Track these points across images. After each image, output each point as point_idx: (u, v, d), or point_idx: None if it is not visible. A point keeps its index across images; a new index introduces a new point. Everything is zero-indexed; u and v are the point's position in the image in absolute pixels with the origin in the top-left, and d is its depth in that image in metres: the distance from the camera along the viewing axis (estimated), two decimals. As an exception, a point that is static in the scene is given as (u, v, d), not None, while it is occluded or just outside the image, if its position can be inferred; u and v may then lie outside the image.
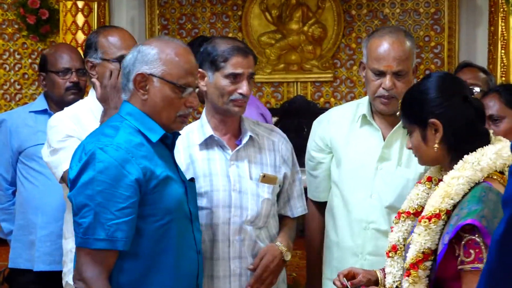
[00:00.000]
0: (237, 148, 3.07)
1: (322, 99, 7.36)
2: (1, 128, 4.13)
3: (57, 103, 3.93)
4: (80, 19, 6.24)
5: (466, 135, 2.45)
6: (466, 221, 2.26)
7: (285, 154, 3.19)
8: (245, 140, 3.08)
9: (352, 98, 7.07)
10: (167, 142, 2.68)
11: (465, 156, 2.41)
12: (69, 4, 6.21)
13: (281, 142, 3.20)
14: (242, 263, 3.04)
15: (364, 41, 3.20)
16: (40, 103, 4.10)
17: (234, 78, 3.00)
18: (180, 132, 2.82)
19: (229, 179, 3.05)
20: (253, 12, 7.39)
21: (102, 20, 6.37)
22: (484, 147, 2.43)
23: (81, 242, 2.48)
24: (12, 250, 4.10)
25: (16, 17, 7.37)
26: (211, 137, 3.06)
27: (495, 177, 2.40)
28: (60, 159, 3.12)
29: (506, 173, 2.36)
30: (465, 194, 2.36)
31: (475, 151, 2.41)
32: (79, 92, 3.94)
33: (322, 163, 3.33)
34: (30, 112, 4.08)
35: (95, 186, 2.46)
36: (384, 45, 3.08)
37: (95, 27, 6.22)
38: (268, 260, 3.03)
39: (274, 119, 5.59)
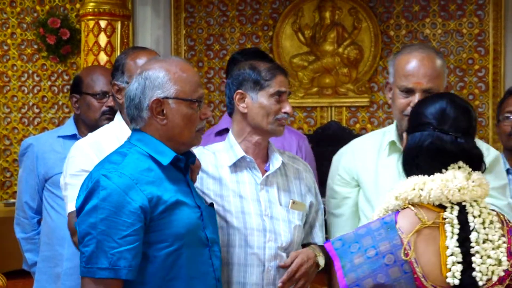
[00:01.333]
0: (268, 172, 3.15)
1: (358, 125, 7.31)
2: (28, 153, 4.14)
3: (90, 127, 3.91)
4: (103, 40, 6.26)
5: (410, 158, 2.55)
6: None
7: (309, 183, 3.27)
8: (277, 165, 3.16)
9: (390, 124, 6.84)
10: (180, 165, 2.71)
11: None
12: (91, 23, 6.25)
13: (305, 171, 3.29)
14: None
15: (391, 59, 3.18)
16: (69, 127, 4.12)
17: (279, 96, 3.10)
18: (204, 151, 2.98)
19: (259, 203, 3.11)
20: (285, 33, 7.36)
21: (125, 41, 6.40)
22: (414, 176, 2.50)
23: (85, 271, 2.52)
24: (36, 283, 4.09)
25: (35, 37, 7.40)
26: (242, 158, 3.13)
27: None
28: (67, 197, 3.17)
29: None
30: None
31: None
32: (113, 117, 3.86)
33: (348, 198, 3.26)
34: (59, 137, 4.09)
35: (98, 214, 2.51)
36: (413, 61, 3.03)
37: (118, 48, 6.30)
38: (302, 259, 3.06)
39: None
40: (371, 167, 3.16)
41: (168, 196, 2.59)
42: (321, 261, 3.10)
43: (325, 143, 6.89)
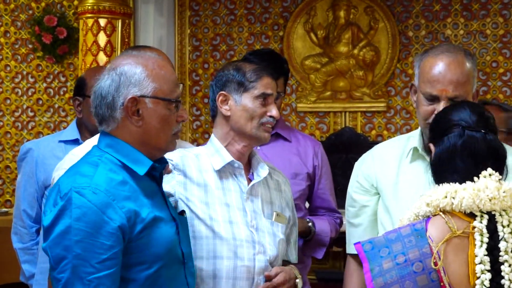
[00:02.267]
0: (254, 181, 3.14)
1: (373, 132, 7.23)
2: (27, 158, 4.18)
3: (93, 132, 3.92)
4: (102, 39, 6.19)
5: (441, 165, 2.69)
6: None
7: (287, 196, 3.31)
8: (264, 174, 3.16)
9: (408, 131, 6.87)
10: (154, 174, 2.64)
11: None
12: (90, 22, 6.19)
13: (284, 184, 3.32)
14: None
15: (417, 59, 3.14)
16: (71, 132, 4.17)
17: (264, 99, 3.10)
18: (186, 153, 3.01)
19: (245, 213, 3.10)
20: (297, 33, 7.33)
21: (126, 40, 6.35)
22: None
23: None
24: None
25: (30, 36, 7.40)
26: (230, 163, 3.11)
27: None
28: None
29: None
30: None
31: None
32: None
33: (366, 206, 3.26)
34: (60, 141, 4.14)
35: (72, 236, 2.39)
36: (440, 66, 2.99)
37: (119, 48, 6.27)
38: (285, 277, 3.07)
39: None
40: (392, 174, 3.17)
41: (145, 212, 2.51)
42: (300, 284, 3.15)
43: (339, 151, 6.99)
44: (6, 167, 7.22)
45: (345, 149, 6.96)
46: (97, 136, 3.10)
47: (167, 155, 2.79)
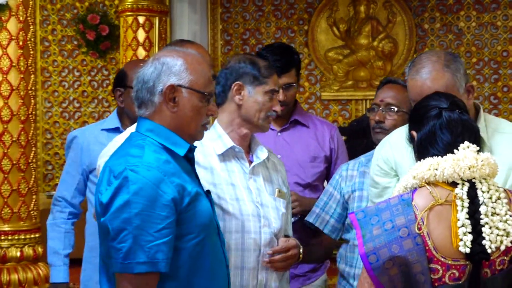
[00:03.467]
0: (255, 162, 3.24)
1: None
2: (73, 145, 4.23)
3: (133, 120, 3.85)
4: (141, 35, 6.36)
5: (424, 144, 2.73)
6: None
7: (283, 175, 3.39)
8: (263, 156, 3.27)
9: None
10: (189, 156, 2.71)
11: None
12: (130, 19, 6.36)
13: (279, 164, 3.40)
14: (269, 274, 3.20)
15: (406, 70, 3.20)
16: (113, 120, 4.22)
17: (272, 95, 3.23)
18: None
19: (250, 191, 3.19)
20: (320, 27, 7.48)
21: (163, 36, 6.51)
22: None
23: (122, 267, 2.49)
24: (83, 272, 4.22)
25: (75, 33, 7.58)
26: (232, 148, 3.21)
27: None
28: None
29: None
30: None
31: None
32: None
33: (388, 187, 3.27)
34: (102, 129, 4.20)
35: (131, 209, 2.47)
36: (418, 87, 3.05)
37: (156, 43, 6.40)
38: (293, 244, 3.21)
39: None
40: (407, 158, 3.18)
41: (190, 187, 2.59)
42: (301, 254, 3.28)
43: (360, 136, 6.85)
44: (55, 154, 7.39)
45: (365, 135, 6.65)
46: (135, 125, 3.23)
47: None
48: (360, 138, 6.88)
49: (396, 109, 3.60)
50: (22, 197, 4.94)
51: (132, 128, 3.28)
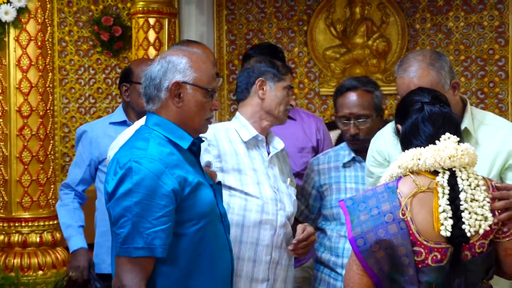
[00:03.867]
0: (274, 152, 3.37)
1: (386, 112, 7.30)
2: (82, 139, 4.29)
3: (139, 114, 4.04)
4: (152, 35, 6.36)
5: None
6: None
7: (289, 167, 3.52)
8: (280, 147, 3.40)
9: None
10: (193, 149, 2.73)
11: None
12: (141, 21, 6.36)
13: (286, 157, 3.52)
14: (282, 253, 3.28)
15: (395, 70, 3.22)
16: (119, 114, 4.26)
17: (289, 90, 3.38)
18: (218, 127, 3.12)
19: (269, 177, 3.30)
20: (318, 27, 7.44)
21: (172, 36, 6.50)
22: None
23: (120, 251, 2.53)
24: (95, 256, 4.27)
25: (90, 34, 7.55)
26: (255, 137, 3.31)
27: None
28: None
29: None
30: None
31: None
32: None
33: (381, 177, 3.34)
34: (110, 123, 4.25)
35: (132, 198, 2.50)
36: (405, 83, 3.09)
37: (166, 43, 6.39)
38: (310, 231, 3.29)
39: (337, 132, 5.58)
40: (398, 148, 3.16)
41: (191, 177, 2.61)
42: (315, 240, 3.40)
43: None
44: (72, 146, 7.25)
45: None
46: (144, 118, 3.34)
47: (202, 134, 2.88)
48: None
49: (367, 119, 3.60)
50: (41, 186, 4.98)
51: (141, 122, 3.36)
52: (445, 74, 3.11)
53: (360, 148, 3.64)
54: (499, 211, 2.64)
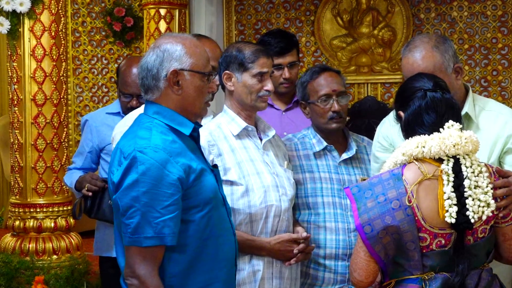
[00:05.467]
0: (266, 139, 3.31)
1: (391, 100, 7.30)
2: (85, 127, 4.37)
3: (127, 110, 4.17)
4: (163, 26, 6.32)
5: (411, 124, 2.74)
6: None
7: (283, 149, 3.46)
8: (272, 133, 3.32)
9: None
10: (194, 135, 2.70)
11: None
12: (152, 11, 6.34)
13: (279, 140, 3.47)
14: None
15: (402, 52, 3.22)
16: (116, 106, 4.35)
17: (261, 77, 3.23)
18: (212, 126, 3.07)
19: (266, 164, 3.26)
20: (325, 17, 7.42)
21: (183, 27, 6.49)
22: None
23: (131, 241, 2.50)
24: (96, 240, 4.33)
25: (103, 24, 7.59)
26: (245, 128, 3.26)
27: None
28: None
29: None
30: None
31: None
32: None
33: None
34: (107, 113, 4.34)
35: (139, 188, 2.47)
36: (409, 62, 3.10)
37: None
38: (309, 237, 3.30)
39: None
40: (401, 135, 3.21)
41: (195, 164, 2.58)
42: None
43: (362, 116, 6.81)
44: None
45: (367, 115, 6.73)
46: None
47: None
48: (362, 118, 6.82)
49: (346, 95, 3.55)
50: (55, 173, 5.01)
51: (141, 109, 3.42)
52: (449, 57, 3.12)
53: (341, 127, 3.57)
54: (500, 198, 2.64)
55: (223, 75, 3.28)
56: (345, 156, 3.53)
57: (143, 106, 3.28)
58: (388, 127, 3.35)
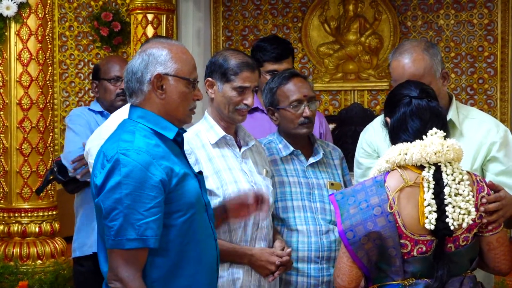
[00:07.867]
0: (245, 148, 3.28)
1: (378, 107, 7.39)
2: (73, 117, 4.25)
3: (107, 108, 4.14)
4: (150, 31, 6.35)
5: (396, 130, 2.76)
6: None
7: (264, 156, 3.42)
8: (251, 142, 3.31)
9: None
10: (178, 140, 2.69)
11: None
12: (139, 17, 6.36)
13: (260, 147, 3.43)
14: (266, 246, 3.25)
15: (389, 57, 3.24)
16: (95, 105, 4.25)
17: (242, 90, 3.19)
18: (191, 135, 3.03)
19: (244, 173, 3.22)
20: (313, 24, 7.49)
21: (170, 32, 6.51)
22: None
23: (114, 243, 2.48)
24: (76, 241, 4.23)
25: (90, 29, 7.59)
26: (223, 137, 3.24)
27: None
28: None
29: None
30: None
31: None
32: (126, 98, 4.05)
33: (370, 168, 3.23)
34: (89, 110, 4.24)
35: (122, 190, 2.45)
36: (400, 65, 3.12)
37: None
38: (289, 251, 3.27)
39: (331, 126, 5.60)
40: (387, 141, 3.17)
41: (178, 169, 2.56)
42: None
43: (349, 123, 7.09)
44: None
45: (354, 122, 7.01)
46: (121, 109, 3.11)
47: None
48: (348, 125, 7.09)
49: (315, 101, 3.56)
50: (41, 178, 4.99)
51: (117, 114, 3.42)
52: (437, 61, 3.14)
53: (310, 132, 3.58)
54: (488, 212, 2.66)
55: (205, 81, 3.27)
56: (312, 160, 3.53)
57: (124, 107, 3.34)
58: (372, 134, 3.35)
